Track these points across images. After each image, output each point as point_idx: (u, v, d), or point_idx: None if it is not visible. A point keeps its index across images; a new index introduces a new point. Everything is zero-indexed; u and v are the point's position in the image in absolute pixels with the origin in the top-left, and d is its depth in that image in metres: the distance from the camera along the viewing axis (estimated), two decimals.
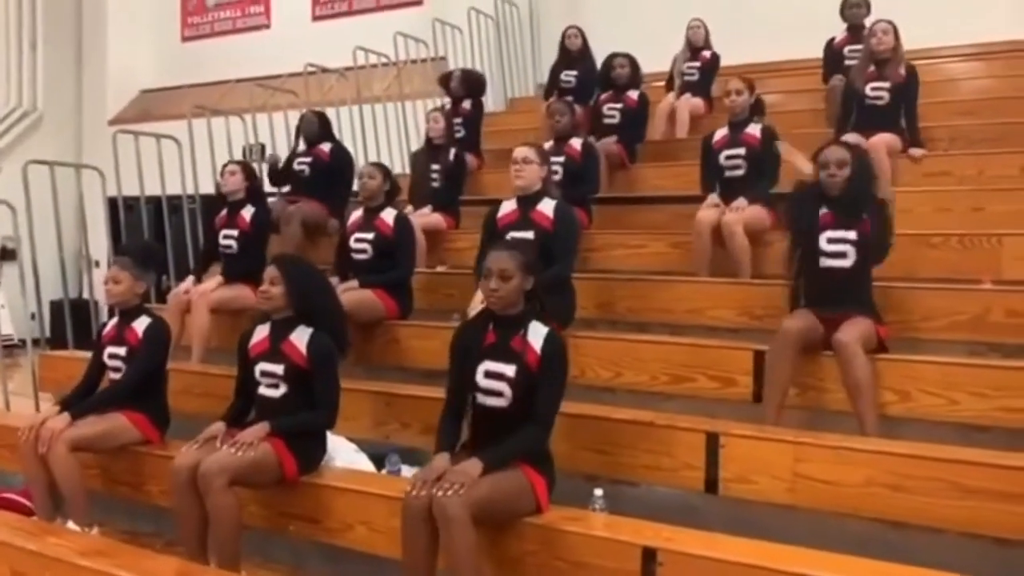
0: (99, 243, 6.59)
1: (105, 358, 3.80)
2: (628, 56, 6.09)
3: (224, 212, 4.92)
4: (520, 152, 4.05)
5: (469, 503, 2.64)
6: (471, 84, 6.56)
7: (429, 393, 3.64)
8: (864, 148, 3.77)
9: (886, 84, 5.10)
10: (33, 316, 5.65)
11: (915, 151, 5.09)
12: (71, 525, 3.55)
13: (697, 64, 6.59)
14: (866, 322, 3.37)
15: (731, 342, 3.80)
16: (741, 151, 4.62)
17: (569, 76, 6.71)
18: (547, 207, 3.96)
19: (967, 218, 4.41)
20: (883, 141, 4.95)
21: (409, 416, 3.81)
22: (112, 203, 6.17)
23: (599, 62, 6.36)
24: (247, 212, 4.84)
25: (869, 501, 2.87)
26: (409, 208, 5.45)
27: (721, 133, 4.76)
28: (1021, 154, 4.85)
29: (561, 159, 4.99)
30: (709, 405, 3.58)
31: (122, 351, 3.74)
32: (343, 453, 3.65)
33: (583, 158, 5.10)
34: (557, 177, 4.61)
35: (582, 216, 4.66)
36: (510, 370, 2.85)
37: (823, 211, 3.52)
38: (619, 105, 6.01)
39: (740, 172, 4.61)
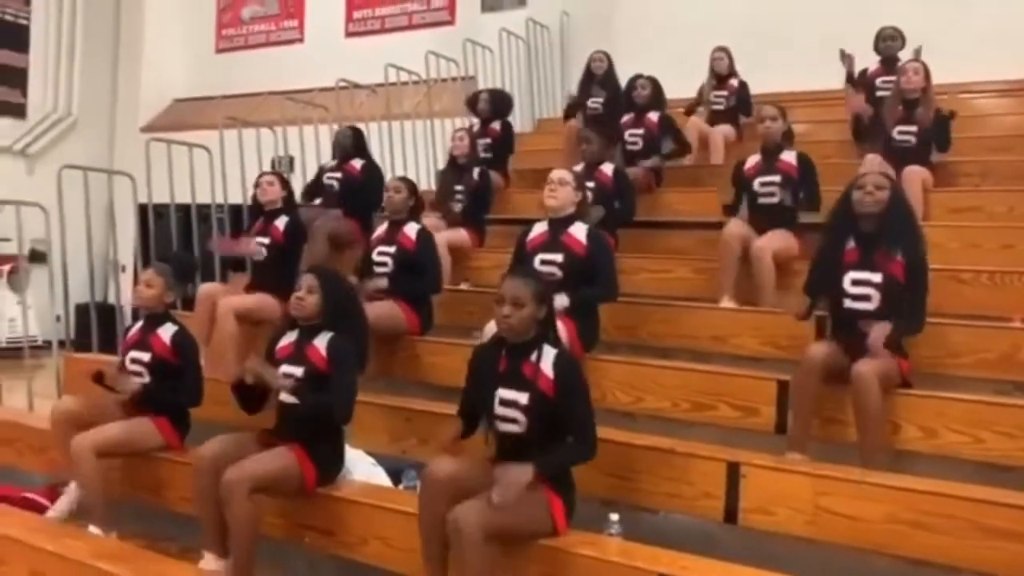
0: (127, 248, 6.67)
1: (127, 362, 3.83)
2: (650, 78, 6.12)
3: (260, 221, 5.00)
4: (556, 173, 4.06)
5: (485, 523, 2.64)
6: (498, 104, 6.59)
7: (448, 410, 3.62)
8: (901, 186, 3.74)
9: (913, 128, 5.10)
10: (58, 318, 5.71)
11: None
12: (92, 529, 3.58)
13: (724, 93, 6.60)
14: (888, 357, 3.34)
15: (755, 371, 3.77)
16: (776, 178, 4.60)
17: (596, 102, 6.73)
18: (579, 231, 3.95)
19: (997, 255, 4.37)
20: (918, 174, 4.94)
21: (427, 432, 3.81)
22: (142, 209, 6.24)
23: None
24: (281, 222, 4.90)
25: (890, 537, 2.84)
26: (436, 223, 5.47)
27: (754, 160, 4.74)
28: None
29: (591, 185, 4.99)
30: (730, 434, 3.56)
31: (146, 356, 3.77)
32: (361, 467, 3.66)
33: (615, 184, 5.10)
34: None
35: (610, 240, 4.65)
36: (523, 398, 2.85)
37: (850, 246, 3.48)
38: (640, 130, 6.02)
39: (774, 199, 4.60)
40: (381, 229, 4.67)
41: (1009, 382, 3.52)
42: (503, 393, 2.89)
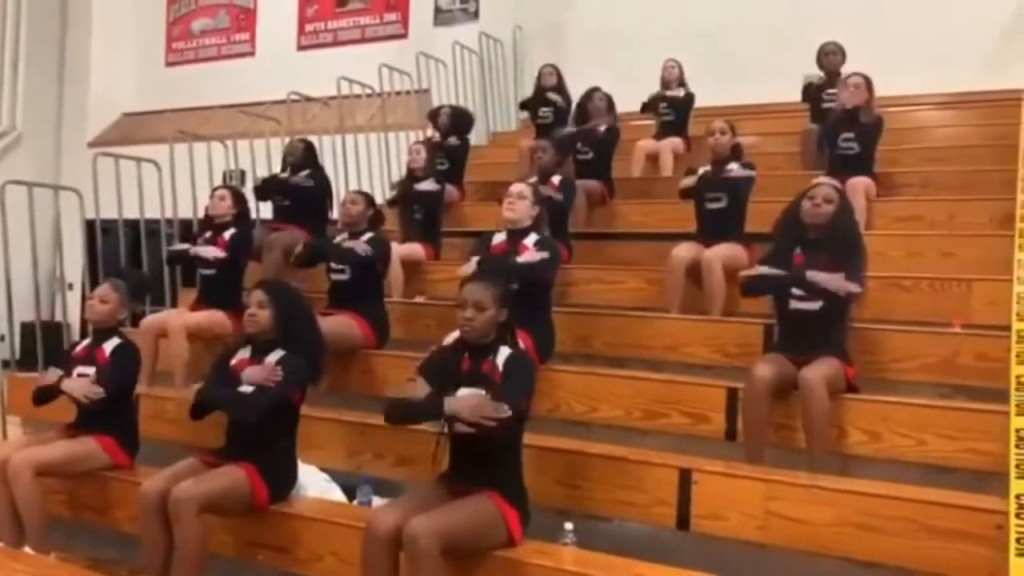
0: (74, 266, 6.54)
1: (74, 376, 3.76)
2: (605, 93, 6.20)
3: (208, 233, 4.93)
4: (516, 187, 4.14)
5: (441, 534, 2.64)
6: (459, 121, 6.63)
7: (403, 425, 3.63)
8: (849, 201, 3.86)
9: (855, 135, 5.25)
10: (2, 338, 5.58)
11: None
12: (28, 550, 3.50)
13: (672, 103, 6.70)
14: (834, 362, 3.42)
15: (705, 379, 3.83)
16: (722, 185, 4.68)
17: (546, 112, 6.80)
18: (530, 241, 4.02)
19: (938, 263, 4.49)
20: (861, 184, 5.08)
21: (383, 447, 3.79)
22: (90, 225, 6.13)
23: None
24: (227, 234, 4.85)
25: (839, 540, 2.89)
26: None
27: (704, 169, 4.83)
28: (991, 201, 4.96)
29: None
30: (682, 441, 3.60)
31: (90, 371, 3.72)
32: (315, 483, 3.62)
33: (561, 191, 5.15)
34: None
35: (563, 251, 4.69)
36: (480, 393, 2.86)
37: (796, 252, 3.60)
38: (589, 140, 6.08)
39: (721, 204, 4.68)
40: (340, 239, 4.67)
41: (950, 385, 3.62)
42: (464, 392, 2.89)
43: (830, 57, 6.18)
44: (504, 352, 2.94)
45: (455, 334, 3.14)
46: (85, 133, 10.54)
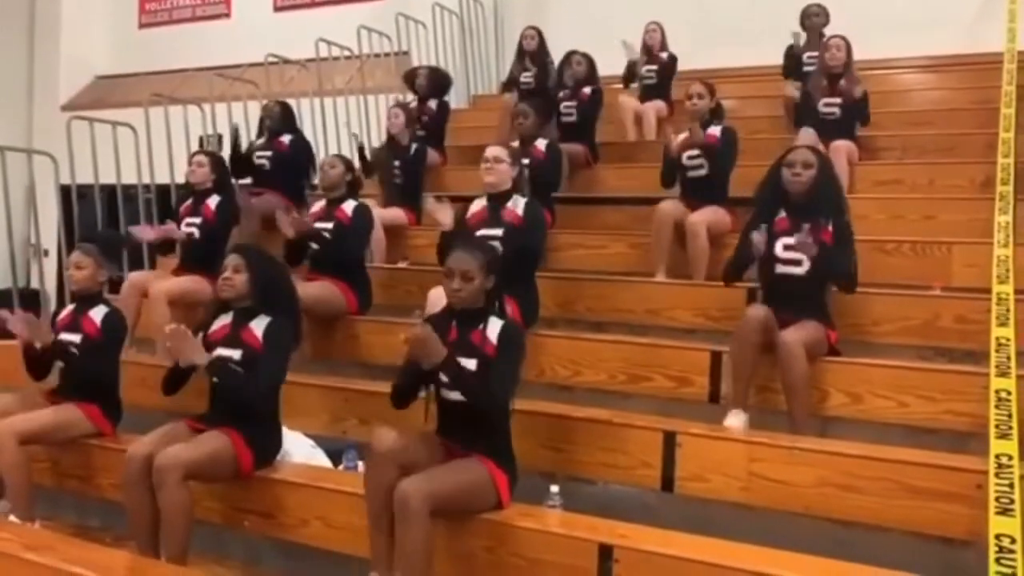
0: (50, 231, 6.46)
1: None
2: (585, 55, 6.15)
3: (189, 201, 4.89)
4: (492, 151, 4.08)
5: (432, 496, 2.65)
6: (436, 82, 6.55)
7: (387, 389, 3.61)
8: (828, 156, 3.86)
9: (838, 100, 5.29)
10: None
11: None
12: (12, 519, 3.48)
13: (655, 67, 6.67)
14: (816, 326, 3.43)
15: (688, 342, 3.86)
16: (700, 150, 4.67)
17: (528, 77, 6.74)
18: (517, 205, 3.98)
19: (919, 226, 4.52)
20: (844, 148, 5.09)
21: (367, 412, 3.79)
22: (65, 191, 6.04)
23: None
24: (212, 201, 4.80)
25: (821, 500, 2.93)
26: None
27: (683, 135, 4.81)
28: (971, 165, 4.99)
29: (526, 161, 4.99)
30: (666, 404, 3.62)
31: (76, 338, 3.68)
32: (300, 448, 3.62)
33: (547, 157, 5.12)
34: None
35: (546, 215, 4.68)
36: (471, 364, 2.86)
37: (780, 215, 3.59)
38: (574, 103, 6.04)
39: (702, 172, 4.67)
40: (319, 206, 4.63)
41: (930, 348, 3.67)
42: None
43: (813, 19, 6.16)
44: (495, 324, 2.92)
45: (434, 295, 3.09)
46: (57, 96, 10.33)
